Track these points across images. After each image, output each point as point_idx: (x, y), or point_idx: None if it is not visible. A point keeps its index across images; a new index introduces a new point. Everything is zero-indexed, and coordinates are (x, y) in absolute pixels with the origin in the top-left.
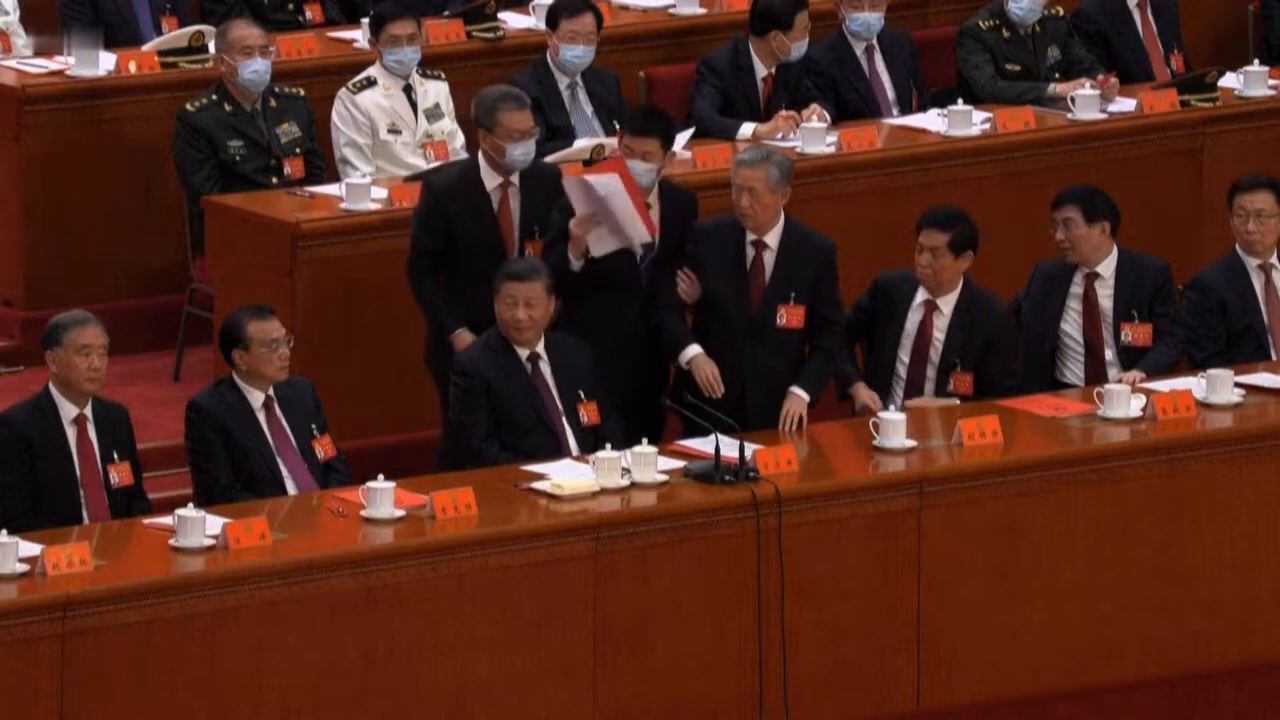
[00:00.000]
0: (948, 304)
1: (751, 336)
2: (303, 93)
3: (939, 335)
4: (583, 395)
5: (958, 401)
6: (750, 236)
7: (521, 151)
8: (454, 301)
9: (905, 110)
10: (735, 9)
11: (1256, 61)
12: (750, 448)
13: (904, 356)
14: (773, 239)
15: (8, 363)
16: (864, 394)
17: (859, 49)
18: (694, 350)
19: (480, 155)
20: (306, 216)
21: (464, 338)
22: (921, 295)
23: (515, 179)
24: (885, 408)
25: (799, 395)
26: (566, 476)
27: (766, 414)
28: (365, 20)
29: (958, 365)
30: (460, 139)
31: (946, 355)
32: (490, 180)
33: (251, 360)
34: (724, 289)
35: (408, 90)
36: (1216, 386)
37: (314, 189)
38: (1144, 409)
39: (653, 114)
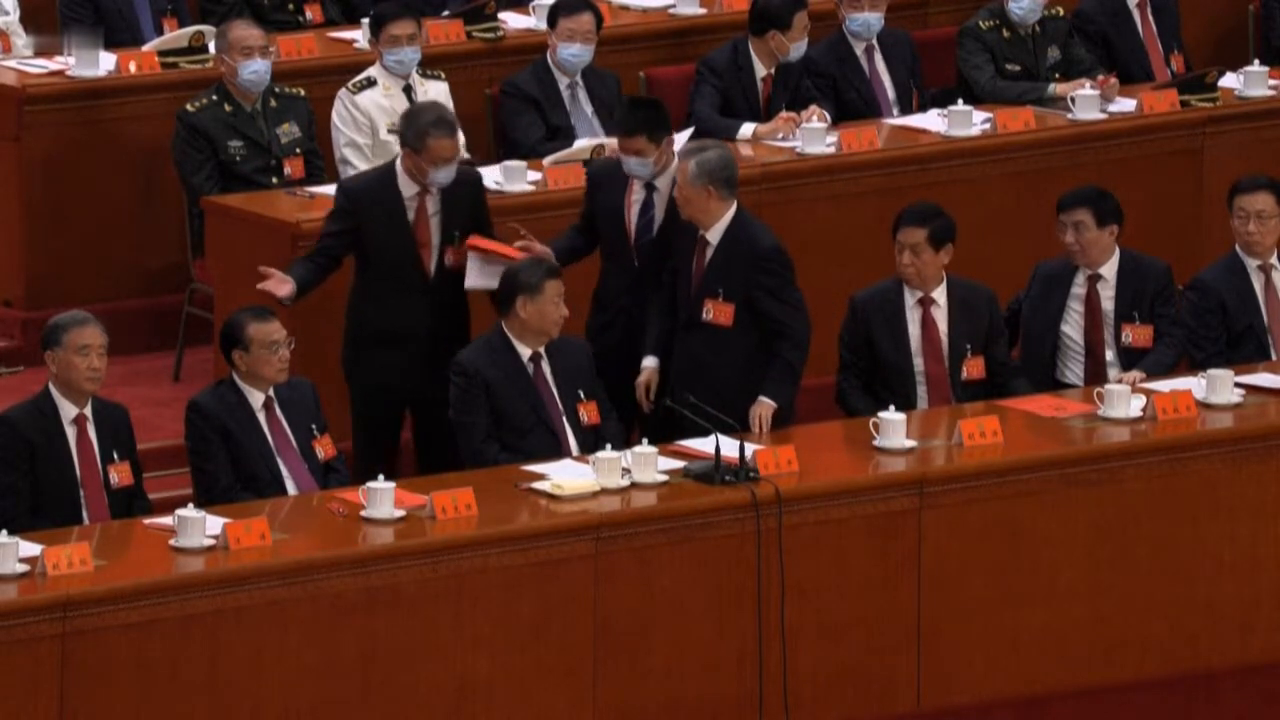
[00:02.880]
0: (940, 295)
1: (688, 328)
2: (303, 93)
3: (942, 326)
4: (583, 395)
5: None
6: (699, 233)
7: (445, 175)
8: (371, 309)
9: (905, 110)
10: (735, 9)
11: (1256, 61)
12: (750, 448)
13: (919, 358)
14: (714, 235)
15: (8, 363)
16: None
17: (859, 49)
18: (646, 362)
19: (398, 164)
20: (306, 216)
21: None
22: (913, 296)
23: (434, 187)
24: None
25: (764, 401)
26: (566, 476)
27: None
28: (365, 20)
29: (968, 351)
30: (461, 138)
31: (956, 344)
32: (407, 188)
33: (251, 361)
34: (680, 282)
35: (408, 90)
36: (1216, 386)
37: (314, 189)
38: (1144, 409)
39: (636, 109)
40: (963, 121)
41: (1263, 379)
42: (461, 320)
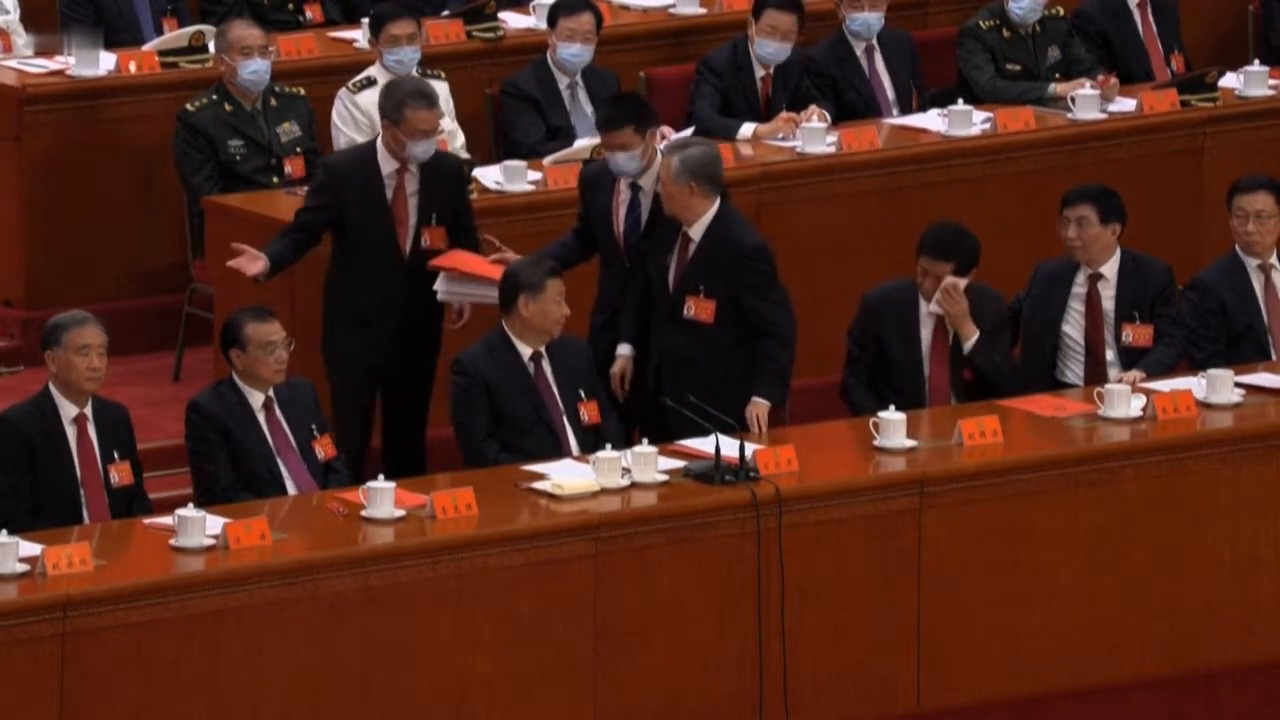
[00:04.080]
0: None
1: (669, 324)
2: (303, 92)
3: (951, 333)
4: (583, 395)
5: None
6: (683, 228)
7: (422, 149)
8: (347, 286)
9: (905, 110)
10: (735, 9)
11: (1256, 61)
12: (750, 447)
13: (927, 362)
14: (696, 232)
15: (8, 363)
16: None
17: (859, 49)
18: (620, 350)
19: (379, 141)
20: None
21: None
22: (928, 305)
23: (414, 166)
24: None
25: (758, 401)
26: (566, 476)
27: (678, 399)
28: (365, 20)
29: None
30: (461, 138)
31: (959, 349)
32: (386, 165)
33: (248, 361)
34: (657, 276)
35: None
36: (1216, 386)
37: None
38: (1144, 409)
39: (618, 103)
40: (963, 121)
41: (1263, 379)
42: (437, 304)
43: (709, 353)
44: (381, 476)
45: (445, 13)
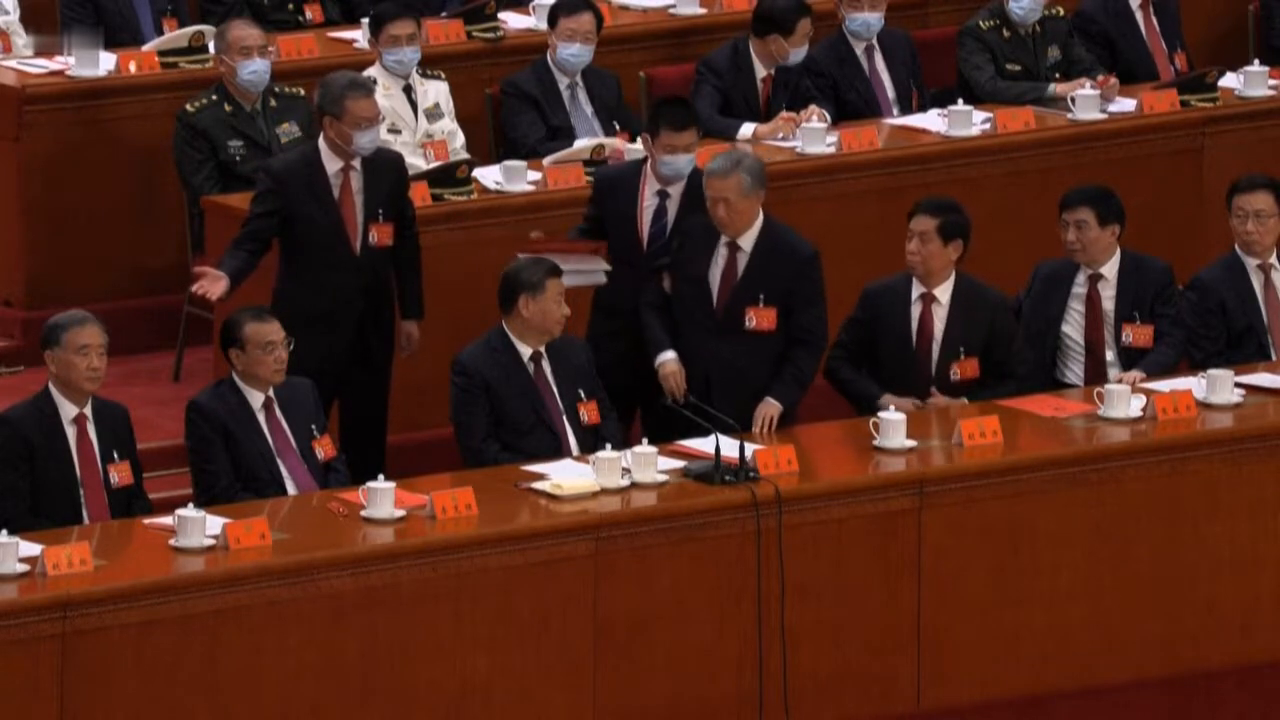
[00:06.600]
0: (944, 293)
1: (720, 336)
2: (303, 92)
3: (939, 325)
4: (583, 395)
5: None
6: (724, 238)
7: (368, 139)
8: (301, 291)
9: (905, 110)
10: (735, 9)
11: (1256, 61)
12: (750, 447)
13: (912, 351)
14: (747, 241)
15: (8, 363)
16: (897, 402)
17: (859, 49)
18: (666, 356)
19: (321, 140)
20: None
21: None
22: (918, 289)
23: (357, 163)
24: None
25: (772, 403)
26: (566, 476)
27: (732, 412)
28: (365, 20)
29: (962, 352)
30: (460, 139)
31: (949, 343)
32: (331, 164)
33: (247, 361)
34: (695, 288)
35: (407, 90)
36: (1216, 386)
37: None
38: (1144, 409)
39: (682, 105)
40: (963, 121)
41: (1263, 379)
42: (389, 298)
43: (759, 361)
44: (382, 477)
45: (445, 13)
